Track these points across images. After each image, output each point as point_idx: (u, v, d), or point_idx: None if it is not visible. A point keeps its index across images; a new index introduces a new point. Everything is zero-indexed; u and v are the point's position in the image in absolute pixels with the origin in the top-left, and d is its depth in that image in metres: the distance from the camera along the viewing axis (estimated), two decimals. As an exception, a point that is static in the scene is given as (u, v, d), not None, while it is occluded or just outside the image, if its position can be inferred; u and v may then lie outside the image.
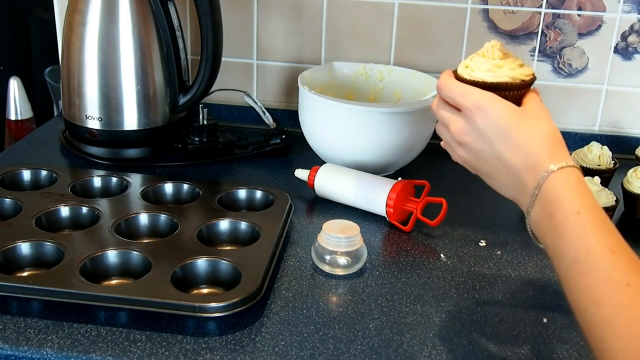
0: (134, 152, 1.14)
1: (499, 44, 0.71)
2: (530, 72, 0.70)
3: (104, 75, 1.08)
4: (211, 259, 0.81)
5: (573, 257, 0.56)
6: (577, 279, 0.55)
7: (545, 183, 0.61)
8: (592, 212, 0.58)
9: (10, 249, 0.82)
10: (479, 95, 0.66)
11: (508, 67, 0.69)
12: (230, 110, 1.32)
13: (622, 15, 1.19)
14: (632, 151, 1.19)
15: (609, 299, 0.53)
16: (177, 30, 1.13)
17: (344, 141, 1.06)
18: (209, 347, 0.70)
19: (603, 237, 0.57)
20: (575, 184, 0.60)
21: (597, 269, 0.54)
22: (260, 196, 0.99)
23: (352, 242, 0.84)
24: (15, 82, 1.68)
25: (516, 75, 0.68)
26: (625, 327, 0.51)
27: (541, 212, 0.61)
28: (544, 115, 0.65)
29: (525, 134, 0.63)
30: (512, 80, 0.68)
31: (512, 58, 0.71)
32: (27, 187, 1.02)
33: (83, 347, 0.69)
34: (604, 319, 0.52)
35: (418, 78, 1.19)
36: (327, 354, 0.70)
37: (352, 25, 1.24)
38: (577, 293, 0.55)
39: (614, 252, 0.55)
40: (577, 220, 0.57)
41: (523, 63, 0.71)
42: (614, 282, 0.53)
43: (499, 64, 0.69)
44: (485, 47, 0.71)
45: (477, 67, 0.70)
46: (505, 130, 0.64)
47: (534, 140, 0.63)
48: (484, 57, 0.70)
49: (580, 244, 0.56)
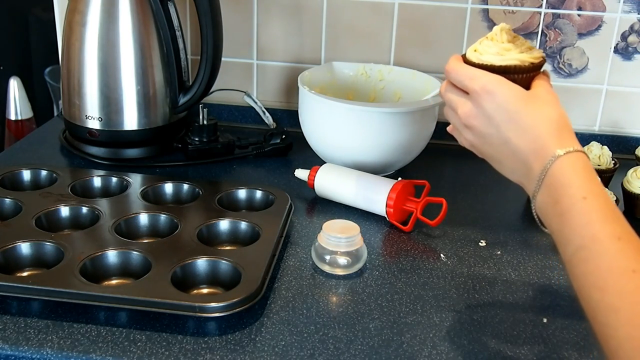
0: (134, 152, 1.14)
1: (508, 26, 0.69)
2: (540, 54, 0.69)
3: (104, 75, 1.08)
4: (211, 259, 0.81)
5: (578, 244, 0.56)
6: (582, 265, 0.55)
7: (551, 168, 0.60)
8: (599, 198, 0.57)
9: (10, 249, 0.82)
10: (487, 78, 0.66)
11: (517, 50, 0.68)
12: (230, 110, 1.32)
13: (622, 15, 1.19)
14: (632, 151, 1.19)
15: (613, 285, 0.52)
16: (177, 30, 1.13)
17: (344, 141, 1.06)
18: (209, 347, 0.70)
19: (609, 223, 0.56)
20: (582, 169, 0.59)
21: (602, 256, 0.54)
22: (260, 196, 0.99)
23: (352, 242, 0.84)
24: (15, 82, 1.68)
25: (525, 58, 0.67)
26: (630, 314, 0.50)
27: (547, 197, 0.61)
28: (551, 100, 0.64)
29: (532, 118, 0.63)
30: (520, 63, 0.67)
31: (521, 41, 0.70)
32: (27, 187, 1.02)
33: (83, 347, 0.69)
34: (609, 305, 0.52)
35: (418, 78, 1.19)
36: (327, 354, 0.70)
37: (352, 25, 1.24)
38: (582, 279, 0.55)
39: (619, 238, 0.55)
40: (583, 206, 0.57)
41: (532, 46, 0.70)
42: (619, 269, 0.53)
43: (507, 47, 0.68)
44: (494, 30, 0.70)
45: (485, 51, 0.69)
46: (512, 113, 0.63)
47: (541, 125, 0.62)
48: (492, 40, 0.69)
49: (585, 231, 0.56)
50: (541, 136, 0.62)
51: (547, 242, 0.95)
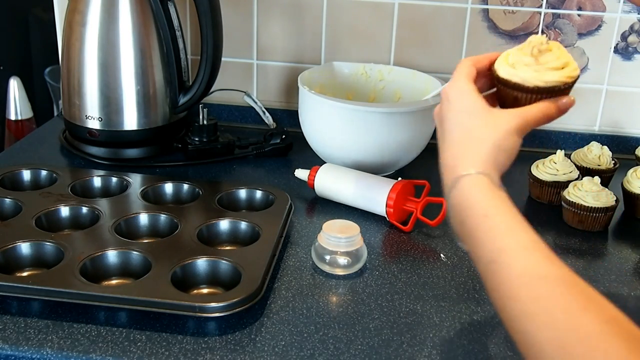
0: (134, 152, 1.14)
1: (540, 40, 0.67)
2: (560, 79, 0.66)
3: (104, 75, 1.08)
4: (211, 259, 0.81)
5: (488, 258, 0.56)
6: (493, 278, 0.55)
7: (454, 189, 0.62)
8: (501, 213, 0.58)
9: (10, 249, 0.82)
10: (454, 84, 0.68)
11: (534, 67, 0.66)
12: (230, 110, 1.32)
13: (622, 15, 1.19)
14: (632, 151, 1.19)
15: (525, 292, 0.52)
16: (177, 30, 1.13)
17: (344, 141, 1.06)
18: (209, 347, 0.70)
19: (514, 235, 0.56)
20: (481, 189, 0.60)
21: (511, 266, 0.54)
22: (260, 196, 0.99)
23: (352, 242, 0.84)
24: (15, 82, 1.68)
25: (529, 78, 0.66)
26: (547, 317, 0.50)
27: (455, 217, 0.62)
28: (500, 124, 0.64)
29: (464, 135, 0.65)
30: (521, 81, 0.66)
31: (553, 57, 0.67)
32: (27, 187, 1.02)
33: (83, 347, 0.69)
34: (523, 312, 0.52)
35: (418, 78, 1.19)
36: (327, 354, 0.70)
37: (352, 25, 1.24)
38: (495, 292, 0.55)
39: (526, 248, 0.55)
40: (486, 224, 0.58)
41: (567, 63, 0.67)
42: (528, 276, 0.53)
43: (526, 61, 0.67)
44: (528, 39, 0.68)
45: (509, 57, 0.69)
46: (453, 125, 0.66)
47: (467, 143, 0.64)
48: (520, 50, 0.68)
49: (492, 245, 0.56)
50: (459, 155, 0.64)
51: (547, 242, 0.94)
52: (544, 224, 1.00)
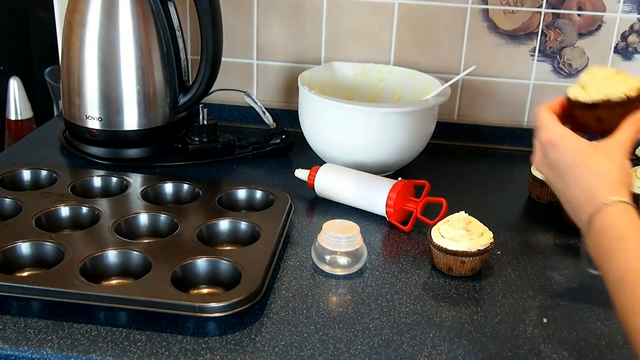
0: (134, 152, 1.14)
1: (612, 71, 0.73)
2: (628, 90, 0.72)
3: (104, 75, 1.08)
4: (211, 259, 0.81)
5: (616, 277, 0.61)
6: (620, 295, 0.61)
7: (596, 216, 0.66)
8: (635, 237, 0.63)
9: (10, 249, 0.82)
10: (553, 130, 0.72)
11: (607, 86, 0.72)
12: (230, 110, 1.32)
13: (622, 15, 1.19)
14: (632, 151, 1.19)
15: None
16: (177, 30, 1.13)
17: (344, 141, 1.06)
18: (209, 347, 0.70)
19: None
20: (622, 215, 0.65)
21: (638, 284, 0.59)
22: (260, 196, 0.99)
23: (352, 242, 0.84)
24: (15, 82, 1.68)
25: (610, 93, 0.71)
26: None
27: (591, 241, 0.66)
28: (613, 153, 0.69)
29: (586, 171, 0.69)
30: (605, 97, 0.71)
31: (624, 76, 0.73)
32: (27, 187, 1.02)
33: (83, 347, 0.69)
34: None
35: (418, 78, 1.19)
36: (327, 354, 0.70)
37: (352, 25, 1.24)
38: (621, 308, 0.60)
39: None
40: (619, 244, 0.63)
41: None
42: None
43: (596, 83, 0.73)
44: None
45: (591, 84, 0.73)
46: (569, 166, 0.70)
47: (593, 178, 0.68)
48: (593, 74, 0.74)
49: (623, 264, 0.61)
50: (591, 188, 0.68)
51: (547, 242, 0.95)
52: (544, 224, 1.00)
